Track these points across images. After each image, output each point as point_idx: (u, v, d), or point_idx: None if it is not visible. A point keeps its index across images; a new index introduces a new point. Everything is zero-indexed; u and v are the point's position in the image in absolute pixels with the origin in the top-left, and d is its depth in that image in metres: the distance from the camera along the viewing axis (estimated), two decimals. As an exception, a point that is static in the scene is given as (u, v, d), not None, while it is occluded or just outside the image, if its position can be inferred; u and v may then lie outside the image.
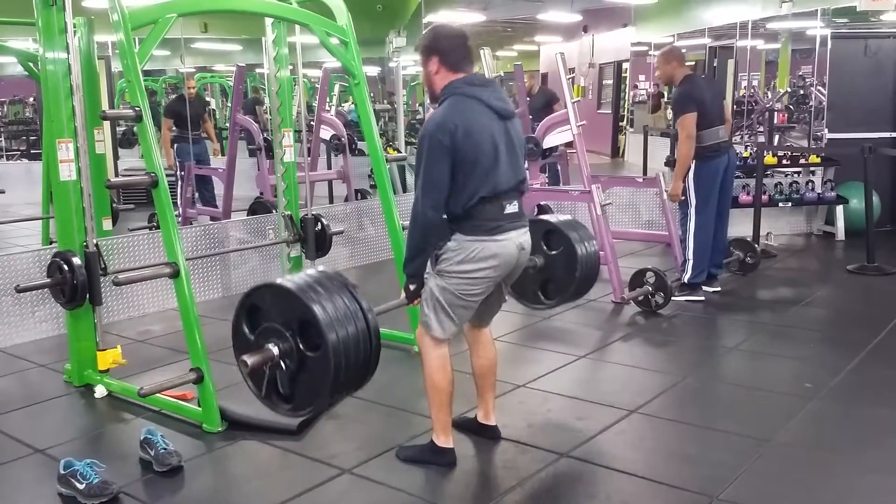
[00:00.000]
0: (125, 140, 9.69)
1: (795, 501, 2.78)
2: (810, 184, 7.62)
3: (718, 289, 5.66)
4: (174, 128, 8.14)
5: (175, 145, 8.21)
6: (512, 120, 2.96)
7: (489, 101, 2.88)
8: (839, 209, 7.57)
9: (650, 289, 5.20)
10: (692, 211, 5.40)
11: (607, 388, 3.95)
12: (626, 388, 3.96)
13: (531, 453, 3.17)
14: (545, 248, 3.72)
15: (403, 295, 3.05)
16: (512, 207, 2.94)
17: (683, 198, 5.48)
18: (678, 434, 3.42)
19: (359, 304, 2.51)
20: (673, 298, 5.24)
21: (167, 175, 3.60)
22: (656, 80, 5.73)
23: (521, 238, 2.98)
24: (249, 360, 2.45)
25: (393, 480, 2.96)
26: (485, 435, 3.29)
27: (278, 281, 2.52)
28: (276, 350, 2.47)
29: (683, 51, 5.69)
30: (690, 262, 5.44)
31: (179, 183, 7.84)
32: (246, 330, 2.58)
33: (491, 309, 3.17)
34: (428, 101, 2.77)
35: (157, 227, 6.40)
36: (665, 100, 12.65)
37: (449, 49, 2.91)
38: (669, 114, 11.82)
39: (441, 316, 2.93)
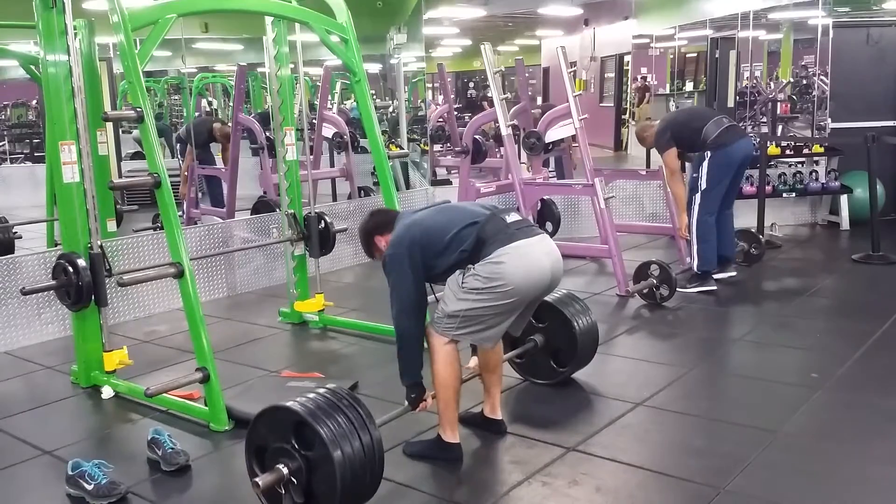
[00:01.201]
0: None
1: (801, 492, 2.77)
2: (814, 174, 7.61)
3: (734, 273, 5.65)
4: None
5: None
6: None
7: (413, 210, 3.18)
8: (843, 199, 7.56)
9: (654, 281, 5.19)
10: (698, 196, 5.39)
11: (613, 381, 3.95)
12: (632, 380, 3.96)
13: (538, 448, 3.18)
14: (541, 324, 3.71)
15: (406, 403, 3.12)
16: (513, 217, 3.00)
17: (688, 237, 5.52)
18: (684, 426, 3.42)
19: (362, 418, 2.61)
20: (685, 290, 5.22)
21: (170, 175, 3.61)
22: (648, 146, 5.88)
23: (543, 245, 2.99)
24: (262, 481, 2.54)
25: (399, 476, 2.97)
26: (491, 429, 3.30)
27: (287, 404, 2.59)
28: (285, 470, 2.55)
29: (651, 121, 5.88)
30: (695, 247, 5.43)
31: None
32: (257, 469, 2.67)
33: (523, 321, 3.20)
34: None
35: (162, 228, 6.43)
36: (650, 94, 12.73)
37: (383, 221, 3.21)
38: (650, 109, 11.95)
39: (475, 333, 2.97)
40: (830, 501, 2.71)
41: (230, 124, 7.76)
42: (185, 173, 7.93)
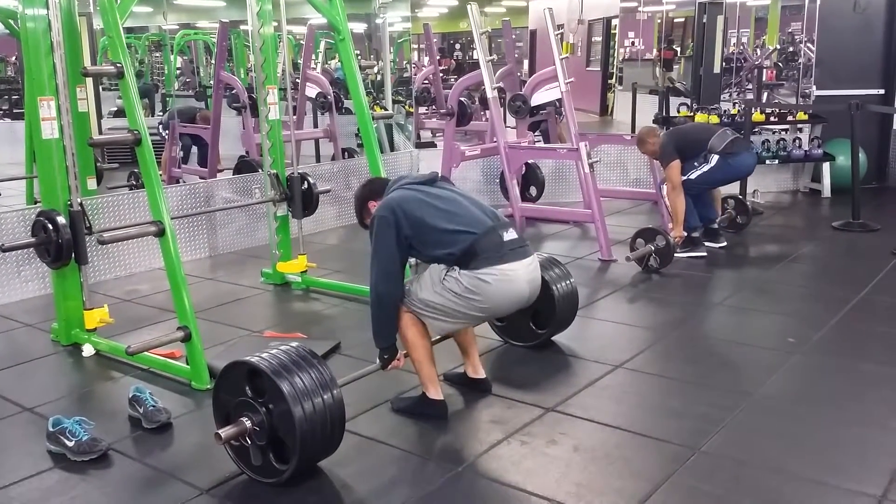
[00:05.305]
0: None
1: (777, 453, 2.82)
2: (797, 141, 7.63)
3: (725, 243, 5.71)
4: None
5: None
6: (439, 181, 3.18)
7: (411, 179, 3.16)
8: (826, 166, 7.60)
9: (653, 248, 5.16)
10: (687, 176, 5.44)
11: (593, 343, 3.99)
12: (612, 343, 4.00)
13: (517, 408, 3.21)
14: None
15: (378, 362, 3.15)
16: (510, 234, 3.02)
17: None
18: (662, 388, 3.47)
19: (325, 378, 2.66)
20: (675, 255, 5.25)
21: (152, 135, 3.57)
22: (650, 155, 5.84)
23: (529, 269, 3.03)
24: (223, 433, 2.60)
25: (382, 435, 3.00)
26: (476, 388, 3.34)
27: (251, 359, 2.64)
28: (248, 423, 2.61)
29: (655, 127, 5.91)
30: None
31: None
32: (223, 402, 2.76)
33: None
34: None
35: (137, 187, 6.38)
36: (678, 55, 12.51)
37: (376, 188, 3.24)
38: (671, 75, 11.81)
39: (436, 320, 3.04)
40: (804, 462, 2.76)
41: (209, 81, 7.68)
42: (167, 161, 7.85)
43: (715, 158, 5.43)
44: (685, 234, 5.45)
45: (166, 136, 7.85)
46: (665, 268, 5.14)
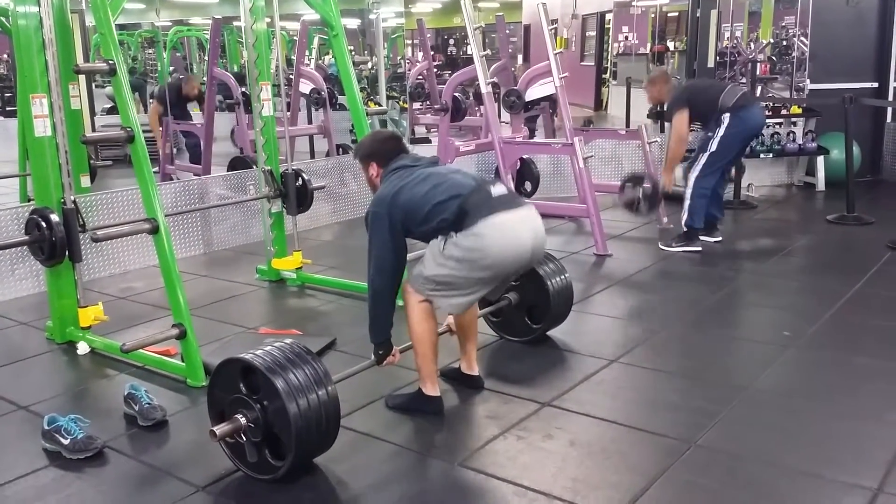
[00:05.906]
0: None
1: (772, 446, 2.83)
2: (791, 135, 7.64)
3: (720, 238, 5.70)
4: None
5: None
6: (437, 163, 3.19)
7: (413, 161, 3.12)
8: (820, 160, 7.61)
9: (640, 193, 5.18)
10: (705, 157, 5.43)
11: (588, 338, 3.99)
12: (607, 338, 4.00)
13: (513, 403, 3.21)
14: (515, 282, 3.66)
15: (373, 358, 3.14)
16: (499, 189, 2.99)
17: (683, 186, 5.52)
18: (657, 382, 3.47)
19: (319, 374, 2.65)
20: (669, 249, 5.25)
21: (144, 130, 3.56)
22: (652, 99, 5.84)
23: (527, 219, 2.99)
24: (218, 430, 2.59)
25: (378, 431, 3.00)
26: (468, 384, 3.34)
27: (245, 356, 2.63)
28: (243, 420, 2.60)
29: (667, 71, 5.91)
30: (688, 202, 5.49)
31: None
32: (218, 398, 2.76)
33: (500, 290, 3.21)
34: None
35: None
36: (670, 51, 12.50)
37: (383, 152, 3.18)
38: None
39: (449, 297, 2.98)
40: (800, 455, 2.76)
41: (202, 78, 7.65)
42: (159, 128, 7.83)
43: (727, 117, 5.35)
44: (685, 227, 5.45)
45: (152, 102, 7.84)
46: (652, 211, 5.29)
